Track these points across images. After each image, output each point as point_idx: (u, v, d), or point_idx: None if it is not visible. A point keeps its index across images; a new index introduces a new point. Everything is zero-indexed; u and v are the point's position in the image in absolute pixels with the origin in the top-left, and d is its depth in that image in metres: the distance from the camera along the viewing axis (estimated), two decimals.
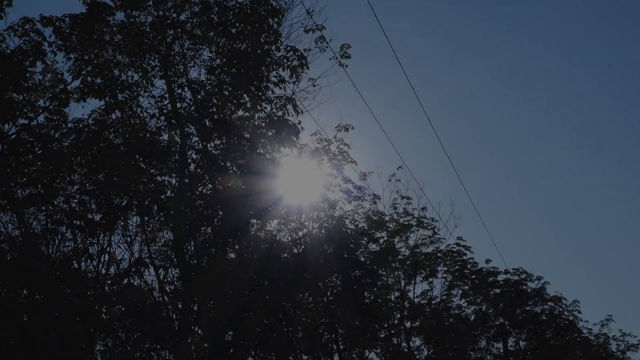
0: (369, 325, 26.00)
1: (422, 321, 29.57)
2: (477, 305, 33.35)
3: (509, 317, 34.28)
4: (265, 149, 18.92)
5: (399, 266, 28.95)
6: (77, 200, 17.68)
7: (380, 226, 27.56)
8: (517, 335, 35.56)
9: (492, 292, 33.49)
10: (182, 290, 18.51)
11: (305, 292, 23.42)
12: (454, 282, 31.99)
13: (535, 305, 35.31)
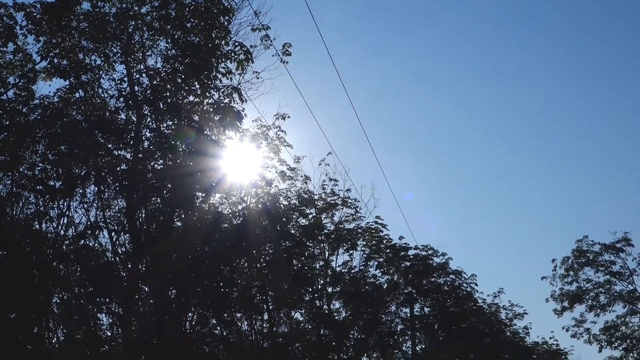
0: (296, 289, 26.08)
1: (342, 287, 29.78)
2: (390, 275, 33.69)
3: (416, 287, 34.71)
4: (212, 131, 18.95)
5: (324, 239, 29.15)
6: (40, 169, 17.37)
7: (309, 204, 27.67)
8: (423, 302, 36.05)
9: (403, 264, 33.88)
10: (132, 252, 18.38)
11: (242, 259, 23.46)
12: (371, 254, 32.25)
13: (439, 277, 35.88)
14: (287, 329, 26.18)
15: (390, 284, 33.35)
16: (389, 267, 33.57)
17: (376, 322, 29.99)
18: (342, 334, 26.33)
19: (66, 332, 18.52)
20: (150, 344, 18.83)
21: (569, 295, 40.46)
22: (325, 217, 29.01)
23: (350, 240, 30.59)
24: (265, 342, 25.19)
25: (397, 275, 34.14)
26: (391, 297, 33.37)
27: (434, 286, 35.73)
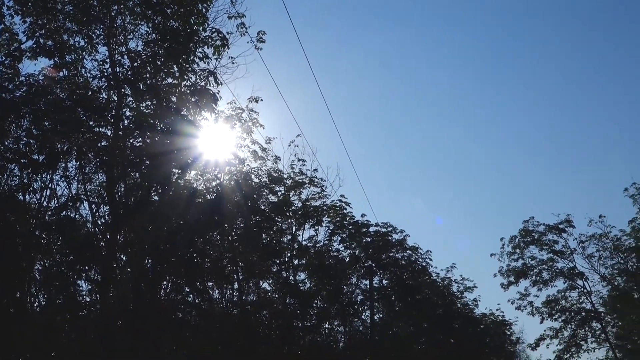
0: (265, 260, 26.14)
1: (308, 260, 29.89)
2: (352, 249, 33.88)
3: (375, 261, 34.95)
4: (189, 112, 18.91)
5: (292, 215, 29.23)
6: (25, 143, 17.07)
7: (279, 182, 27.65)
8: (381, 275, 36.33)
9: (364, 240, 34.08)
10: (111, 224, 18.25)
11: (215, 232, 23.44)
12: (335, 230, 32.43)
13: (397, 252, 36.17)
14: (256, 298, 26.25)
15: (351, 258, 33.53)
16: (351, 242, 33.76)
17: (338, 292, 30.15)
18: (306, 303, 26.46)
19: (47, 297, 18.33)
20: (127, 310, 18.76)
21: (515, 271, 41.08)
22: (294, 194, 29.05)
23: (316, 217, 30.75)
24: (235, 310, 25.22)
25: (358, 250, 34.32)
26: (352, 269, 33.56)
27: (392, 260, 36.03)
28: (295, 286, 28.01)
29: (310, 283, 29.52)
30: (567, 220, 39.53)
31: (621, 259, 38.14)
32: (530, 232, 40.49)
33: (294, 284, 28.48)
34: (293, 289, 27.22)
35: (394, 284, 36.69)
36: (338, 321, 31.15)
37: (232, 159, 23.04)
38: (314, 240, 31.58)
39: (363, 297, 34.87)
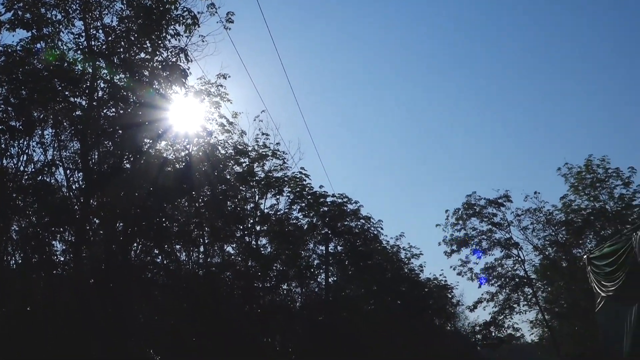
0: (229, 226, 26.10)
1: (269, 226, 29.95)
2: (310, 218, 33.99)
3: (331, 228, 35.18)
4: (160, 86, 18.75)
5: (255, 185, 29.23)
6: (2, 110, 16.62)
7: (244, 154, 27.53)
8: (336, 242, 36.58)
9: (322, 209, 34.22)
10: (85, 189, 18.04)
11: (183, 198, 23.33)
12: (295, 200, 32.51)
13: (351, 221, 36.40)
14: (220, 260, 26.24)
15: (309, 225, 33.66)
16: (309, 211, 33.90)
17: (296, 257, 30.28)
18: (266, 266, 26.56)
19: (23, 256, 18.04)
20: (99, 269, 18.63)
21: (457, 241, 41.69)
22: (257, 166, 29.04)
23: (277, 187, 30.83)
24: (201, 271, 25.20)
25: (315, 218, 34.48)
26: (310, 236, 33.71)
27: (346, 229, 36.27)
28: (257, 250, 28.08)
29: (271, 248, 29.57)
30: (505, 196, 40.38)
31: (552, 231, 39.01)
32: (472, 206, 41.12)
33: (255, 248, 28.55)
34: (255, 252, 27.28)
35: (348, 250, 36.97)
36: (296, 283, 31.34)
37: (200, 132, 22.85)
38: (275, 208, 31.74)
39: (319, 261, 35.10)
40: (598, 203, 35.87)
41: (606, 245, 13.74)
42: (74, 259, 18.18)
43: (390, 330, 40.63)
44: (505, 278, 41.82)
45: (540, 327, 45.95)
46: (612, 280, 12.69)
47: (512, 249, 40.87)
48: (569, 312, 39.82)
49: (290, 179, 31.24)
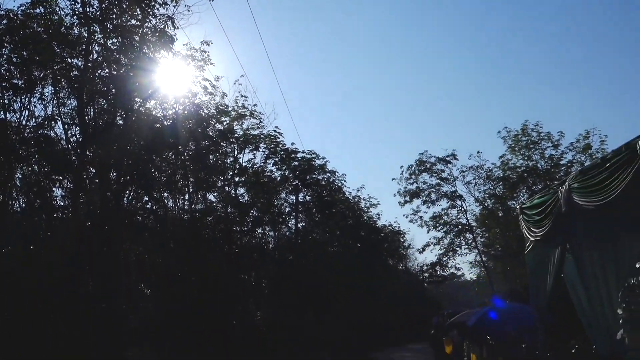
0: (211, 177, 26.01)
1: (246, 178, 29.88)
2: (282, 171, 34.00)
3: (301, 181, 35.25)
4: (149, 50, 18.31)
5: (234, 141, 29.06)
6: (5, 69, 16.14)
7: (224, 114, 27.23)
8: (305, 192, 36.66)
9: (293, 163, 34.22)
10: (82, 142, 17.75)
11: (170, 152, 23.14)
12: (269, 155, 32.47)
13: (319, 174, 36.47)
14: (203, 207, 26.19)
15: (282, 178, 33.67)
16: (282, 165, 33.88)
17: (270, 204, 30.34)
18: (244, 212, 26.60)
19: (26, 200, 17.79)
20: (95, 213, 18.49)
21: (410, 193, 41.98)
22: (236, 124, 28.85)
23: (254, 144, 30.73)
24: (186, 215, 25.14)
25: (287, 172, 34.50)
26: (282, 187, 33.76)
27: (314, 181, 36.34)
28: (235, 199, 28.08)
29: (248, 197, 29.56)
30: (452, 154, 40.77)
31: (491, 185, 39.60)
32: (424, 162, 41.39)
33: (234, 197, 28.54)
34: (233, 200, 27.28)
35: (315, 199, 37.15)
36: (269, 227, 31.51)
37: (186, 93, 22.58)
38: (252, 162, 31.73)
39: (290, 209, 35.29)
40: (531, 162, 36.43)
41: (536, 198, 14.02)
42: (72, 204, 18.00)
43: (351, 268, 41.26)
44: (450, 225, 42.48)
45: (477, 267, 47.08)
46: (540, 227, 12.98)
47: (457, 201, 41.52)
48: (502, 255, 40.84)
49: (265, 137, 31.12)
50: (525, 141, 36.34)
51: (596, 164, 10.93)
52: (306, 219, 38.88)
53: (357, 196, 46.63)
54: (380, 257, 51.85)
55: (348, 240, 43.52)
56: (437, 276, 48.56)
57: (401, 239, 58.15)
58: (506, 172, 37.86)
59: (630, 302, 9.68)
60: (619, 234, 10.14)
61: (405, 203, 42.15)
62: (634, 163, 9.28)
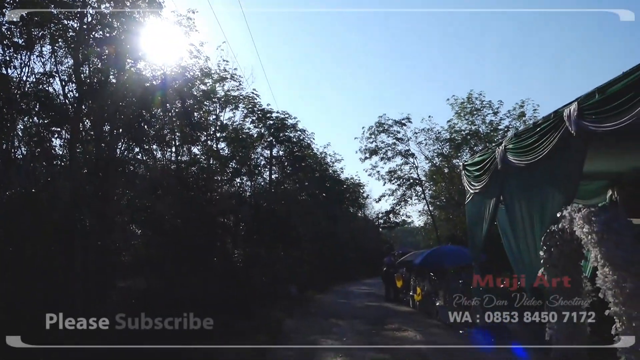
0: (195, 132, 25.61)
1: (227, 134, 29.56)
2: (259, 128, 33.71)
3: (275, 137, 35.10)
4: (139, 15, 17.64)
5: (216, 101, 28.64)
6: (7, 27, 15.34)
7: (207, 76, 26.69)
8: (279, 147, 36.50)
9: (268, 122, 33.98)
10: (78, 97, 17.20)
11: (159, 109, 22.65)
12: (247, 114, 32.14)
13: (291, 132, 36.32)
14: (188, 159, 25.88)
15: (258, 135, 33.40)
16: (259, 123, 33.64)
17: (247, 158, 30.15)
18: (224, 164, 26.38)
19: (27, 149, 17.26)
20: (91, 162, 18.12)
21: (369, 150, 42.20)
22: (218, 86, 28.37)
23: (234, 104, 30.39)
24: (172, 165, 24.81)
25: (263, 129, 34.26)
26: (258, 143, 33.50)
27: (286, 138, 36.21)
28: (217, 152, 27.80)
29: (228, 150, 29.28)
30: (407, 118, 40.96)
31: (439, 146, 39.97)
32: (382, 124, 41.48)
33: (216, 150, 28.27)
34: (215, 153, 27.01)
35: (287, 154, 37.06)
36: (247, 177, 31.38)
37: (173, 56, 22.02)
38: (232, 120, 31.57)
39: (265, 162, 35.17)
40: (474, 126, 36.86)
41: (477, 156, 14.25)
42: (69, 153, 17.56)
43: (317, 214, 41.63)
44: (402, 179, 43.00)
45: (425, 215, 47.89)
46: (479, 181, 13.24)
47: (409, 158, 41.93)
48: (446, 205, 41.64)
49: (244, 98, 30.79)
50: (469, 108, 36.66)
51: (528, 128, 11.13)
52: (279, 171, 38.85)
53: (324, 152, 46.71)
54: (343, 205, 52.34)
55: (315, 190, 43.72)
56: (391, 222, 49.31)
57: (361, 190, 58.80)
58: (452, 134, 38.25)
59: (550, 245, 10.06)
60: (544, 188, 10.43)
61: (365, 159, 42.41)
62: (560, 128, 9.48)
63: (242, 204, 27.51)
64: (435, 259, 18.99)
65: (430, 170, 41.97)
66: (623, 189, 14.00)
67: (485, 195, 12.98)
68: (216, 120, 29.73)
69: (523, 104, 34.92)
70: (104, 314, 14.98)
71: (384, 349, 11.75)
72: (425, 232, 52.44)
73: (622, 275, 7.79)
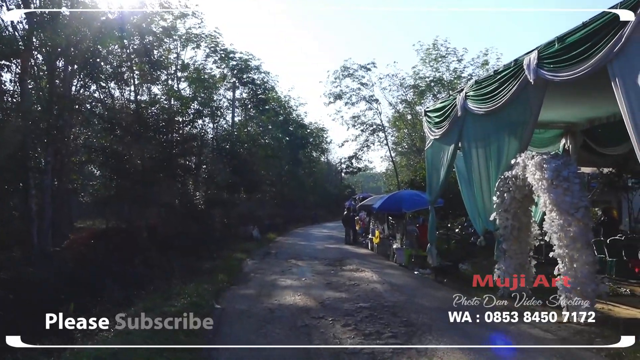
0: (155, 70, 24.79)
1: (188, 74, 28.72)
2: (222, 69, 32.92)
3: (238, 79, 34.39)
4: None
5: (177, 38, 27.67)
6: None
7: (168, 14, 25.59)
8: (242, 89, 35.88)
9: (231, 63, 33.18)
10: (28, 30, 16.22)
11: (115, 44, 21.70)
12: (210, 54, 31.29)
13: (255, 74, 35.67)
14: (147, 98, 25.11)
15: (221, 75, 32.59)
16: (221, 63, 32.79)
17: (210, 99, 29.44)
18: (185, 105, 25.70)
19: None
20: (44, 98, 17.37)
21: (334, 95, 41.78)
22: (179, 22, 27.32)
23: (196, 42, 29.43)
24: (131, 105, 24.06)
25: (226, 70, 33.45)
26: (221, 84, 32.71)
27: (250, 80, 35.55)
28: (178, 92, 27.04)
29: (190, 91, 28.49)
30: (372, 63, 40.78)
31: (403, 92, 39.95)
32: (347, 69, 40.86)
33: (177, 90, 27.49)
34: (176, 93, 26.26)
35: (251, 96, 36.45)
36: (209, 119, 30.78)
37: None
38: (194, 60, 30.70)
39: (228, 104, 34.54)
40: (438, 73, 36.87)
41: (438, 103, 14.35)
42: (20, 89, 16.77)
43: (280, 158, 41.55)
44: (366, 125, 42.98)
45: (387, 161, 48.53)
46: (439, 127, 13.40)
47: (373, 103, 41.70)
48: (408, 151, 42.17)
49: (207, 36, 29.83)
50: (434, 55, 36.51)
51: (489, 76, 11.22)
52: (242, 113, 38.29)
53: (287, 96, 46.12)
54: (306, 149, 52.32)
55: (278, 134, 43.44)
56: (353, 168, 49.70)
57: (324, 134, 58.73)
58: (417, 81, 38.19)
59: (503, 191, 10.39)
60: (500, 135, 10.66)
61: (330, 104, 41.95)
62: (519, 76, 9.59)
63: (204, 146, 27.13)
64: (393, 204, 19.34)
65: (393, 116, 42.10)
66: (575, 138, 14.46)
67: (444, 141, 13.18)
68: (177, 59, 28.79)
69: (487, 52, 35.12)
70: (61, 254, 14.85)
71: (342, 287, 12.13)
72: (387, 178, 53.23)
73: (568, 219, 8.17)
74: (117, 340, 6.62)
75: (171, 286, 11.54)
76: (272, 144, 39.87)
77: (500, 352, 6.68)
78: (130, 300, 11.15)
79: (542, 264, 11.54)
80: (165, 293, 10.89)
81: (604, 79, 7.27)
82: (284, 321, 8.76)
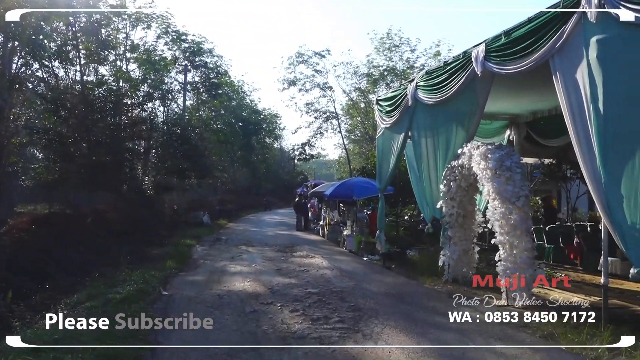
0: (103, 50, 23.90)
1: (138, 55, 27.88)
2: (173, 51, 32.15)
3: (190, 62, 33.72)
4: None
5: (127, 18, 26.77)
6: None
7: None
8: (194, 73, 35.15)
9: (183, 45, 32.49)
10: None
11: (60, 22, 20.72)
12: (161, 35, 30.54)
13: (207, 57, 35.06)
14: (94, 79, 24.13)
15: (172, 57, 31.74)
16: (173, 45, 31.99)
17: (161, 82, 28.58)
18: (134, 87, 24.86)
19: None
20: None
21: (288, 81, 41.51)
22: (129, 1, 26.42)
23: (146, 23, 28.52)
24: (77, 85, 23.08)
25: (178, 52, 32.65)
26: (172, 66, 31.84)
27: (202, 63, 34.86)
28: (127, 73, 26.14)
29: (140, 72, 27.59)
30: (327, 50, 40.59)
31: (357, 80, 40.18)
32: (302, 55, 40.65)
33: (126, 71, 26.58)
34: (124, 75, 25.36)
35: (203, 80, 35.74)
36: (159, 102, 29.94)
37: None
38: (144, 40, 29.76)
39: (179, 87, 33.73)
40: (391, 62, 37.26)
41: (390, 92, 14.51)
42: None
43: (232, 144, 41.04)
44: (319, 112, 43.01)
45: (340, 148, 48.84)
46: (390, 116, 13.56)
47: (327, 91, 41.73)
48: (361, 139, 42.54)
49: (158, 17, 28.99)
50: (388, 44, 36.84)
51: (439, 67, 11.43)
52: (194, 97, 37.52)
53: (241, 80, 45.60)
54: (259, 135, 51.90)
55: (231, 119, 42.85)
56: (306, 154, 49.67)
57: (278, 121, 58.40)
58: (370, 69, 38.47)
59: (450, 179, 10.67)
60: (449, 125, 10.91)
61: (284, 90, 41.69)
62: (467, 68, 9.82)
63: (154, 129, 26.42)
64: (344, 191, 19.53)
65: (347, 104, 42.30)
66: (519, 129, 14.99)
67: (395, 130, 13.37)
68: (126, 39, 27.86)
69: (439, 44, 35.78)
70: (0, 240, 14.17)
71: (291, 273, 12.17)
72: (340, 165, 53.59)
73: (509, 208, 8.49)
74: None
75: (118, 273, 11.26)
76: (225, 129, 39.29)
77: (443, 335, 6.90)
78: (74, 287, 10.83)
79: (485, 250, 11.96)
80: (111, 280, 10.62)
81: (547, 73, 7.55)
82: (233, 307, 8.73)
